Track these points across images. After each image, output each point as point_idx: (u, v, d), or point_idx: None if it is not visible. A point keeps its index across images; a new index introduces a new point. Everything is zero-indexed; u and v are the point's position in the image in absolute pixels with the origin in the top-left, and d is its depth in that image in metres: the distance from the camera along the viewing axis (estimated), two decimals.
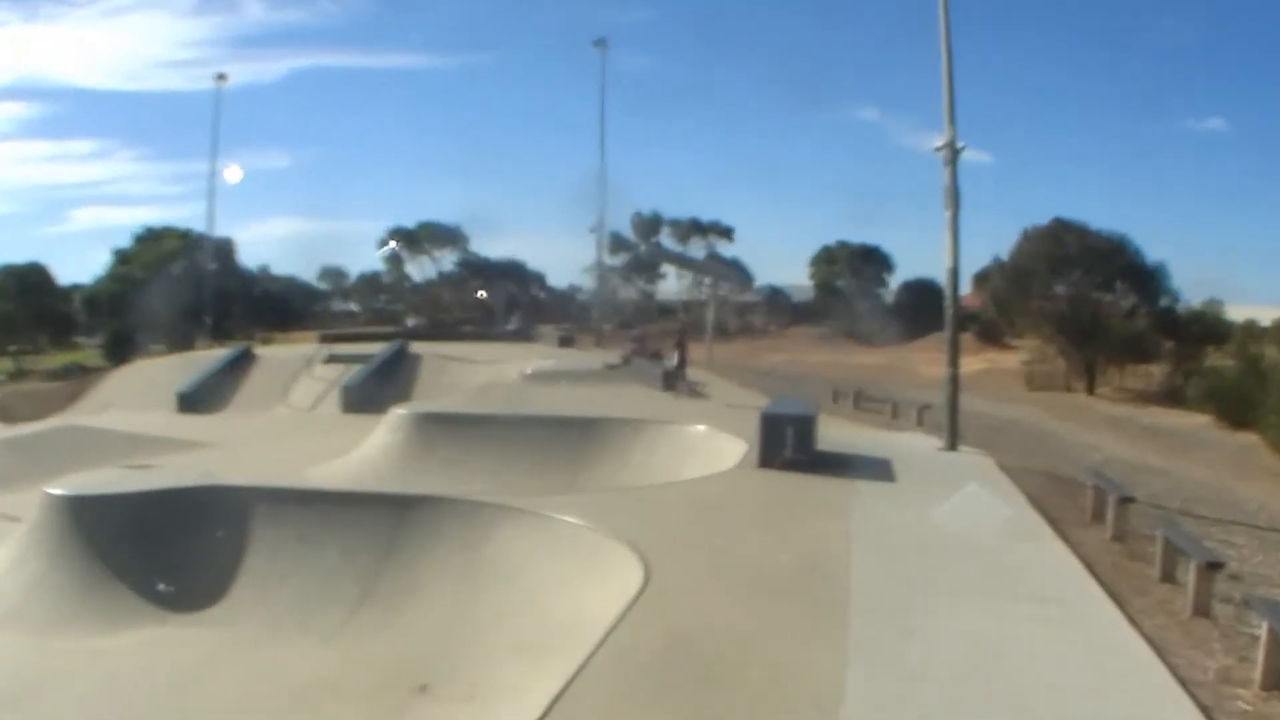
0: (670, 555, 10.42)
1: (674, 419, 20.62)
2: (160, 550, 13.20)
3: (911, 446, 18.73)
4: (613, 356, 34.69)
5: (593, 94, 53.82)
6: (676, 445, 19.00)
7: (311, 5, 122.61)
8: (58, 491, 14.02)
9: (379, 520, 13.22)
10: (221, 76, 55.92)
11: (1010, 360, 51.31)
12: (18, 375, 50.42)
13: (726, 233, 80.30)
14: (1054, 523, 12.74)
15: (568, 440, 19.55)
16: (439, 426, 20.29)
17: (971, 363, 44.22)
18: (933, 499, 13.25)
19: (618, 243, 76.76)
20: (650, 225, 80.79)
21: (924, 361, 44.10)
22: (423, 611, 11.69)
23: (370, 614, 11.93)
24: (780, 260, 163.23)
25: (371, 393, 30.17)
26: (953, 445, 18.33)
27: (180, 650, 11.40)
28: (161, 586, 12.67)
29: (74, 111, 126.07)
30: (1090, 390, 46.69)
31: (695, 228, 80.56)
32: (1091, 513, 14.10)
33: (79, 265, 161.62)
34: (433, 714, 9.28)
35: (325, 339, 41.36)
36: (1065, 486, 16.52)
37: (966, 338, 46.23)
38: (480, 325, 54.61)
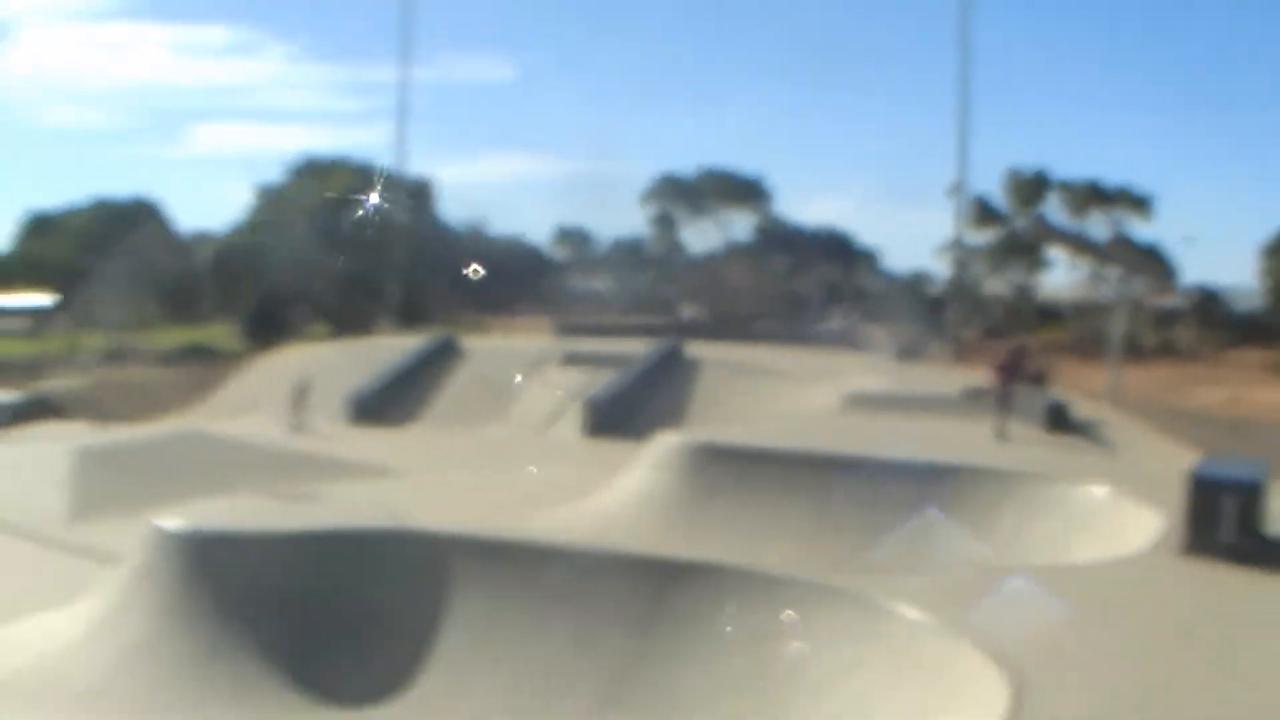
0: (1052, 681, 10.42)
1: (1059, 474, 20.34)
2: (318, 615, 14.28)
3: None
4: (976, 379, 34.25)
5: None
6: (1062, 512, 18.84)
7: None
8: (173, 525, 15.35)
9: (632, 594, 13.79)
10: None
11: None
12: (115, 357, 54.40)
13: (1140, 204, 76.80)
14: None
15: (906, 495, 19.53)
16: (725, 465, 20.68)
17: None
18: None
19: (984, 213, 75.01)
20: (1032, 189, 78.26)
21: None
22: None
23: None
24: (1216, 250, 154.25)
25: (628, 411, 31.55)
26: None
27: None
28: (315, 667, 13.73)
29: None
30: None
31: (1095, 195, 77.61)
32: None
33: (205, 205, 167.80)
34: None
35: (564, 330, 42.69)
36: None
37: None
38: (786, 321, 54.83)
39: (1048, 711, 9.83)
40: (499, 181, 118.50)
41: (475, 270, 67.22)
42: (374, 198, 61.16)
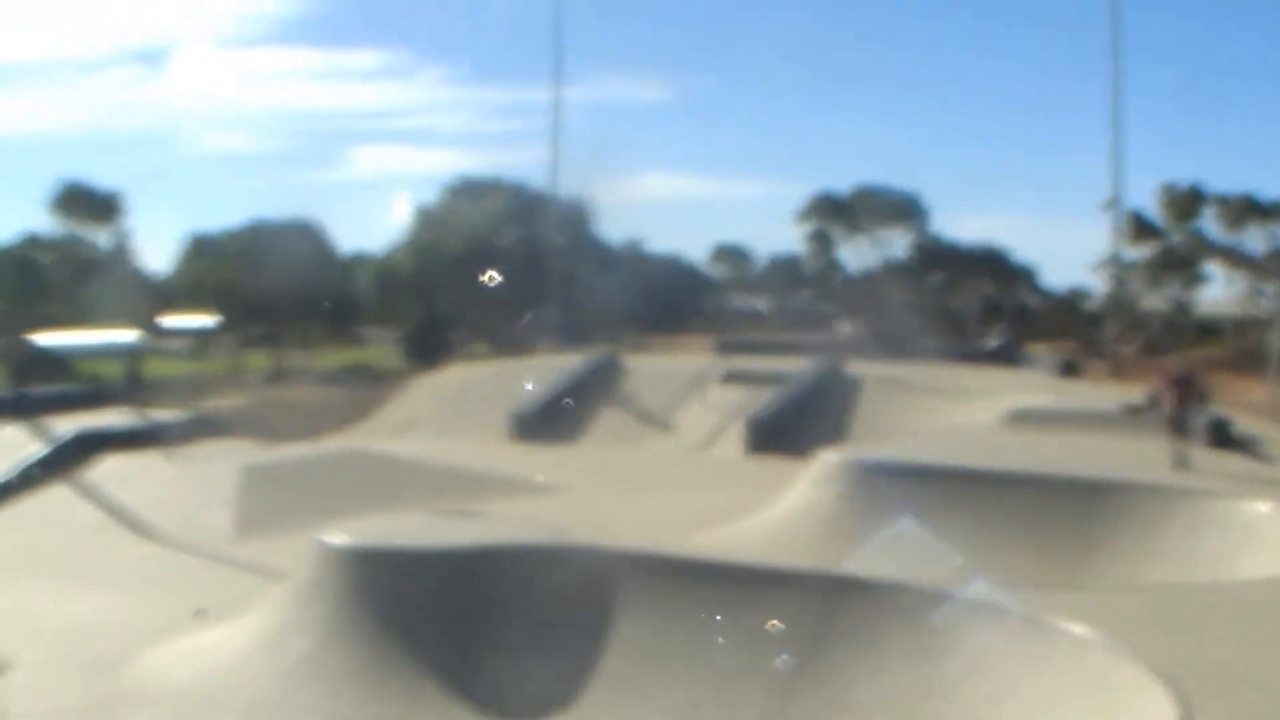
0: (1218, 700, 10.24)
1: (1223, 490, 20.03)
2: (482, 630, 14.44)
3: None
4: (1136, 395, 33.71)
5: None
6: (1226, 529, 18.51)
7: None
8: (338, 542, 15.68)
9: (799, 610, 13.70)
10: None
11: None
12: (278, 377, 55.66)
13: None
14: None
15: (1069, 511, 19.38)
16: (887, 482, 20.60)
17: None
18: None
19: (1140, 228, 73.86)
20: (1187, 203, 77.06)
21: None
22: None
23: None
24: None
25: (789, 428, 31.51)
26: None
27: None
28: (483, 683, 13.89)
29: (356, 11, 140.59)
30: None
31: (1252, 208, 76.06)
32: None
33: (364, 226, 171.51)
34: None
35: (724, 348, 42.86)
36: None
37: None
38: (944, 339, 54.36)
39: None
40: (656, 201, 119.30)
41: (633, 289, 67.96)
42: (531, 218, 63.18)
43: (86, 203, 75.39)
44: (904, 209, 79.73)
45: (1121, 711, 10.49)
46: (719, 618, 13.90)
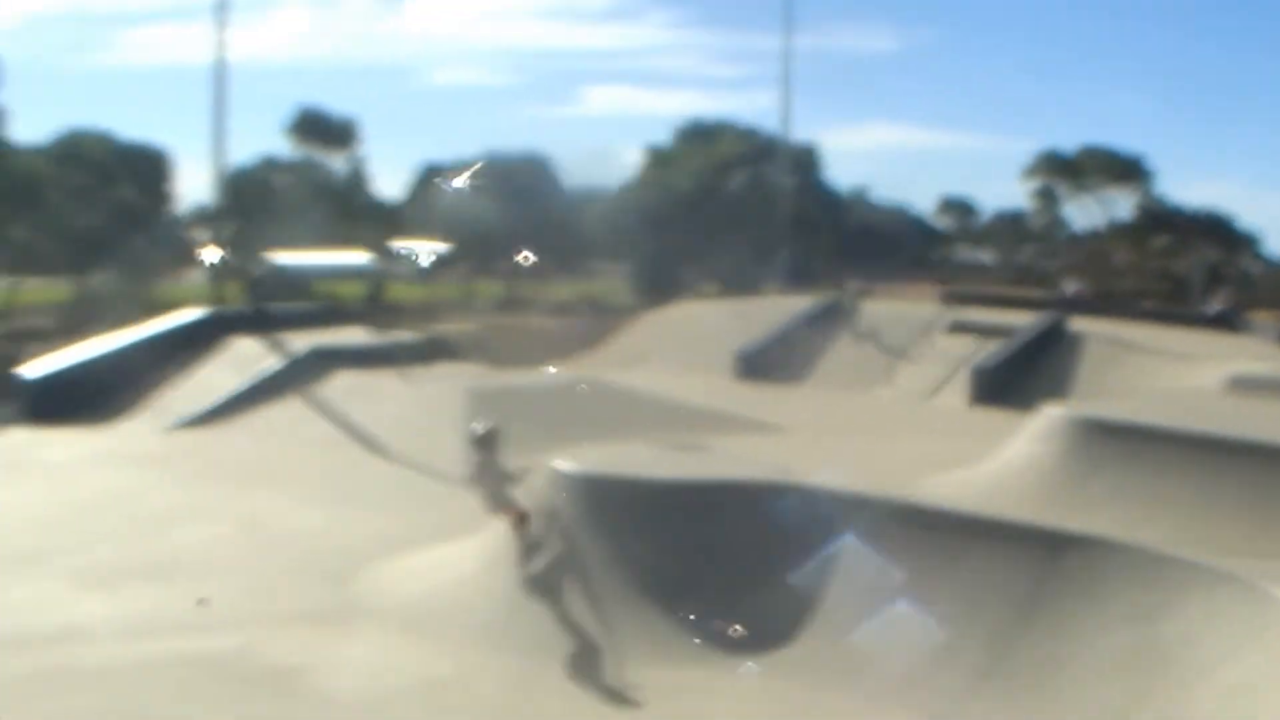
0: None
1: None
2: (705, 562, 14.52)
3: None
4: None
5: None
6: None
7: None
8: (567, 467, 15.79)
9: (1016, 563, 13.47)
10: None
11: None
12: (508, 305, 57.17)
13: None
14: None
15: None
16: (1109, 441, 20.19)
17: None
18: None
19: None
20: None
21: None
22: (1072, 700, 11.77)
23: (997, 693, 12.25)
24: None
25: (1013, 381, 31.58)
26: None
27: (720, 704, 12.57)
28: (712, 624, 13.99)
29: None
30: None
31: None
32: None
33: (597, 163, 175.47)
34: None
35: (950, 298, 42.62)
36: None
37: None
38: (1167, 301, 53.64)
39: None
40: (882, 149, 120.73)
41: (860, 235, 68.67)
42: (761, 162, 63.78)
43: (323, 129, 78.33)
44: (1130, 170, 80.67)
45: None
46: (936, 566, 13.81)
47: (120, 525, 20.21)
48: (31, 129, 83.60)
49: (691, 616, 14.01)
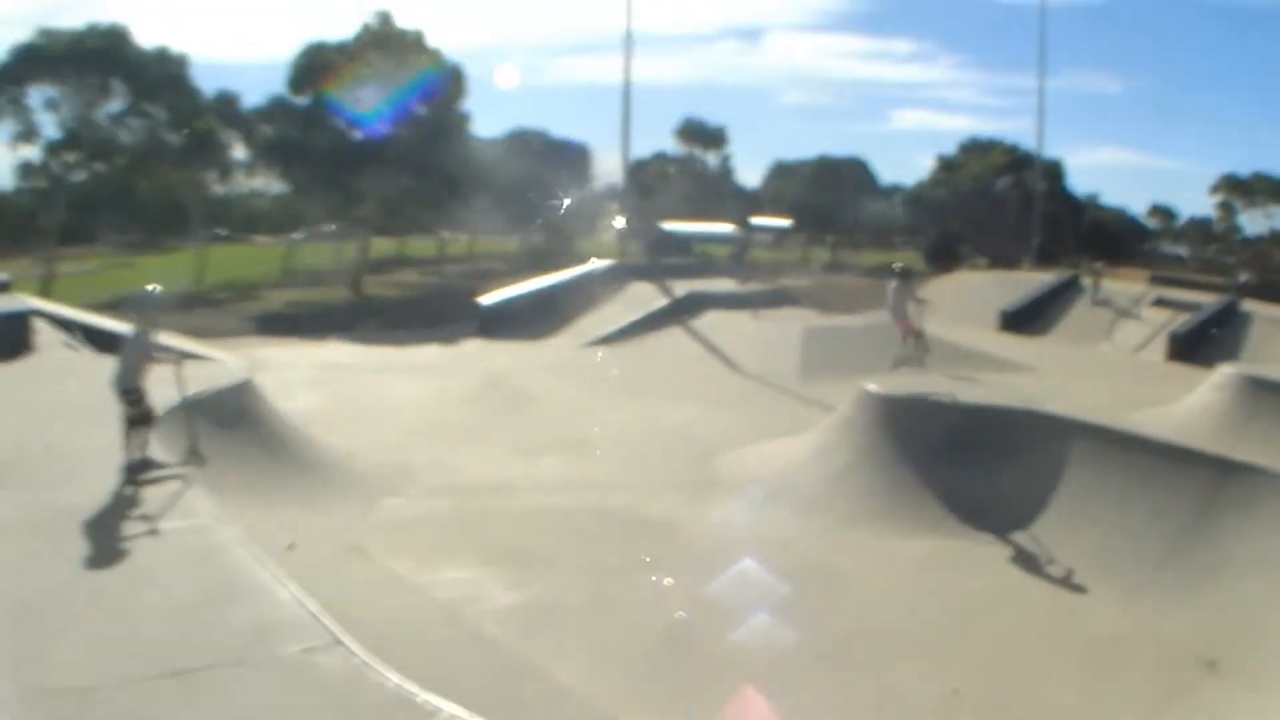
0: None
1: None
2: (970, 466, 14.39)
3: None
4: None
5: None
6: None
7: None
8: (875, 389, 15.80)
9: (1193, 482, 13.07)
10: None
11: None
12: (833, 267, 57.82)
13: None
14: None
15: None
16: (1266, 397, 19.47)
17: None
18: None
19: None
20: None
21: None
22: (1226, 589, 11.45)
23: (1171, 581, 11.94)
24: None
25: (1199, 345, 31.17)
26: None
27: (971, 572, 12.50)
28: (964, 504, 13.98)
29: (892, 10, 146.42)
30: None
31: None
32: None
33: (899, 166, 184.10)
34: (1217, 695, 9.48)
35: (1155, 281, 41.68)
36: None
37: None
38: None
39: None
40: (1107, 166, 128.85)
41: (1091, 230, 68.61)
42: (1020, 171, 64.10)
43: (701, 133, 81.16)
44: None
45: None
46: (1135, 478, 13.53)
47: (542, 413, 20.98)
48: (488, 128, 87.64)
49: (957, 502, 13.97)
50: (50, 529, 9.78)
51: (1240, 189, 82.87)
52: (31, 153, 44.85)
